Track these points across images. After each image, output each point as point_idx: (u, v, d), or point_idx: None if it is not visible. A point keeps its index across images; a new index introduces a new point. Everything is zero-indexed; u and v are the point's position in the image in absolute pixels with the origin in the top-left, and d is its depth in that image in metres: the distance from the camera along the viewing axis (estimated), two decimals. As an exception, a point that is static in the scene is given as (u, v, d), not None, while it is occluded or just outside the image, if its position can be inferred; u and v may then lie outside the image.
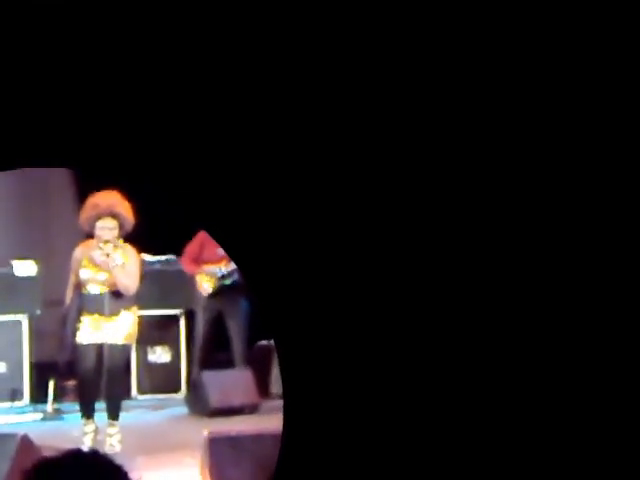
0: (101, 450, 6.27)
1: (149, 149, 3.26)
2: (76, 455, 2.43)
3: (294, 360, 3.34)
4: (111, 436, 7.22)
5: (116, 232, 7.28)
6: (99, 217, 7.25)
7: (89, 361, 7.22)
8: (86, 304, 7.26)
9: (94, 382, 7.32)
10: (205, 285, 9.09)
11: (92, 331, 7.22)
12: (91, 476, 2.36)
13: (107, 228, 7.25)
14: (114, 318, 7.25)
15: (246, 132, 3.18)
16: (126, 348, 7.62)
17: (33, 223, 10.02)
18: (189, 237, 9.07)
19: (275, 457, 3.61)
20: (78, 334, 7.23)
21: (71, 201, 9.72)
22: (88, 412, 7.27)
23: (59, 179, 9.91)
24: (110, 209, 7.22)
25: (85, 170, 6.43)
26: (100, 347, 7.22)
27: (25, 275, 9.19)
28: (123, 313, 7.30)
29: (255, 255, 3.31)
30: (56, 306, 9.21)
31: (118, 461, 2.44)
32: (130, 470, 2.43)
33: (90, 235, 7.46)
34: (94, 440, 7.16)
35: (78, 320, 7.25)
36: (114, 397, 7.41)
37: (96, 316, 7.22)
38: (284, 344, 3.39)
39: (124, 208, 7.25)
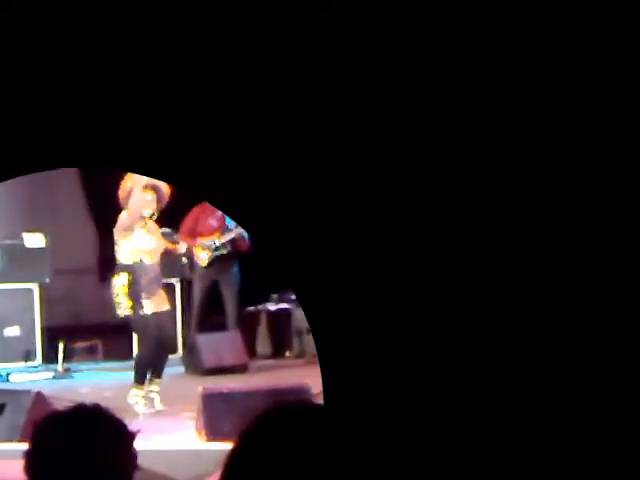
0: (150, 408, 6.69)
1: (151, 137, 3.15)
2: (80, 409, 2.43)
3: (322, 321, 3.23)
4: (158, 393, 7.40)
5: (155, 206, 7.36)
6: (145, 189, 7.26)
7: (156, 328, 7.37)
8: (146, 274, 7.33)
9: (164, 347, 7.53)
10: (201, 256, 9.50)
11: (155, 301, 7.38)
12: (93, 428, 2.36)
13: (148, 201, 7.30)
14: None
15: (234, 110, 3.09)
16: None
17: (40, 198, 10.21)
18: (184, 213, 9.42)
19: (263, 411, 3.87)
20: (145, 304, 7.30)
21: (75, 176, 10.11)
22: (145, 377, 7.38)
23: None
24: (152, 183, 7.22)
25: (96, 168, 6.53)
26: (158, 315, 7.41)
27: (35, 246, 9.50)
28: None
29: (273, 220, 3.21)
30: (63, 274, 9.80)
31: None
32: (129, 423, 2.45)
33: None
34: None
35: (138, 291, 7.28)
36: (167, 357, 7.65)
37: (152, 285, 7.36)
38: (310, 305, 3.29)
39: (163, 183, 7.20)
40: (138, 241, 7.34)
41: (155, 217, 7.47)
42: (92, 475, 2.30)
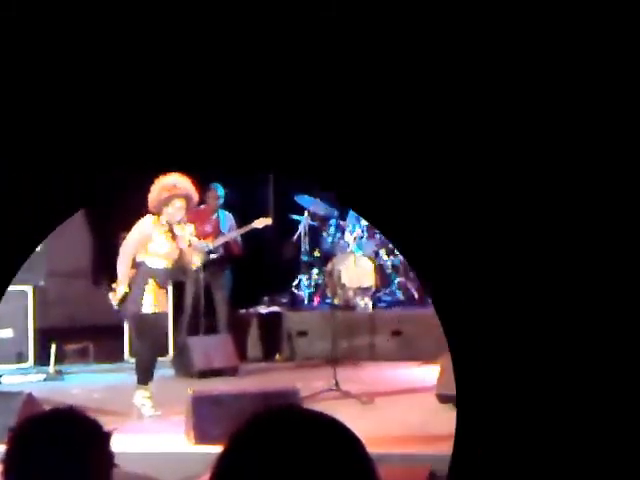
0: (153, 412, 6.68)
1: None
2: (55, 412, 2.43)
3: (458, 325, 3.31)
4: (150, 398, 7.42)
5: (184, 212, 7.55)
6: (175, 198, 7.42)
7: (157, 329, 7.50)
8: (157, 277, 7.46)
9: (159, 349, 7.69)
10: (194, 260, 9.21)
11: (158, 301, 7.44)
12: (67, 430, 2.35)
13: (179, 208, 7.47)
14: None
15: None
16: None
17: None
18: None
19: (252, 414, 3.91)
20: (150, 304, 7.37)
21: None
22: (150, 377, 7.42)
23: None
24: (184, 191, 7.42)
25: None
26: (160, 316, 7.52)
27: (29, 249, 9.64)
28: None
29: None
30: (57, 277, 9.78)
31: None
32: (103, 424, 2.43)
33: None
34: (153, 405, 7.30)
35: (145, 291, 7.38)
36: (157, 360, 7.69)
37: (160, 288, 7.48)
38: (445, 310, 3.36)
39: (193, 190, 7.47)
40: (157, 244, 7.50)
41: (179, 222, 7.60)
42: (68, 476, 2.29)
